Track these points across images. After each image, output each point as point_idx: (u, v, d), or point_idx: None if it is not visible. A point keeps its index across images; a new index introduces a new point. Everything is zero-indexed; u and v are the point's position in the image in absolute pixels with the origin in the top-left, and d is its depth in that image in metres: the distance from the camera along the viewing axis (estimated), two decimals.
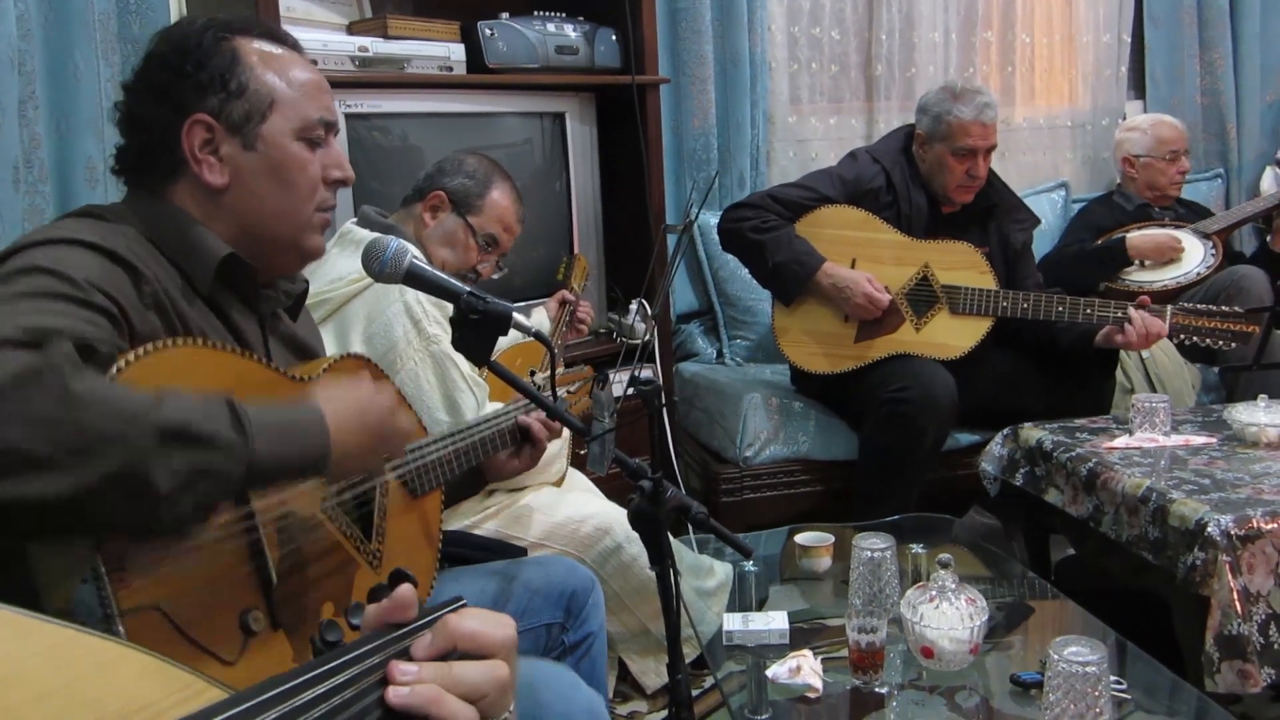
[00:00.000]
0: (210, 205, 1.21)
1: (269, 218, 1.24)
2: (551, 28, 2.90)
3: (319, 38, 2.55)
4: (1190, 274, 3.29)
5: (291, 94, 1.24)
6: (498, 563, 1.70)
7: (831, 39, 3.79)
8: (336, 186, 1.30)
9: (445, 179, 2.14)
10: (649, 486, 1.26)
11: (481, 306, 1.32)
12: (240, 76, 1.20)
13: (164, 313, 1.11)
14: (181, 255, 1.18)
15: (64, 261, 1.03)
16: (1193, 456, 2.22)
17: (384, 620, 0.69)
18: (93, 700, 0.51)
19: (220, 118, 1.19)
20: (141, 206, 1.21)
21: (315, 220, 1.28)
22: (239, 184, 1.21)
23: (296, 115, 1.24)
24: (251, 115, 1.21)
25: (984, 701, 1.56)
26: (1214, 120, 4.10)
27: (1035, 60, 4.03)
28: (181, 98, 1.19)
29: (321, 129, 1.27)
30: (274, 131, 1.22)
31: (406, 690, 0.64)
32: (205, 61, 1.19)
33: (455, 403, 1.87)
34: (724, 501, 2.97)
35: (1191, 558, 1.87)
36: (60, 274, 1.01)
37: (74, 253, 1.05)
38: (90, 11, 2.17)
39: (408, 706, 0.63)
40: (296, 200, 1.25)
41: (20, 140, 2.04)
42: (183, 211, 1.21)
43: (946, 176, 2.86)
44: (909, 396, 2.66)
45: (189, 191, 1.21)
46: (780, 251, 2.82)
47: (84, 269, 1.03)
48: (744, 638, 1.77)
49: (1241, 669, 1.81)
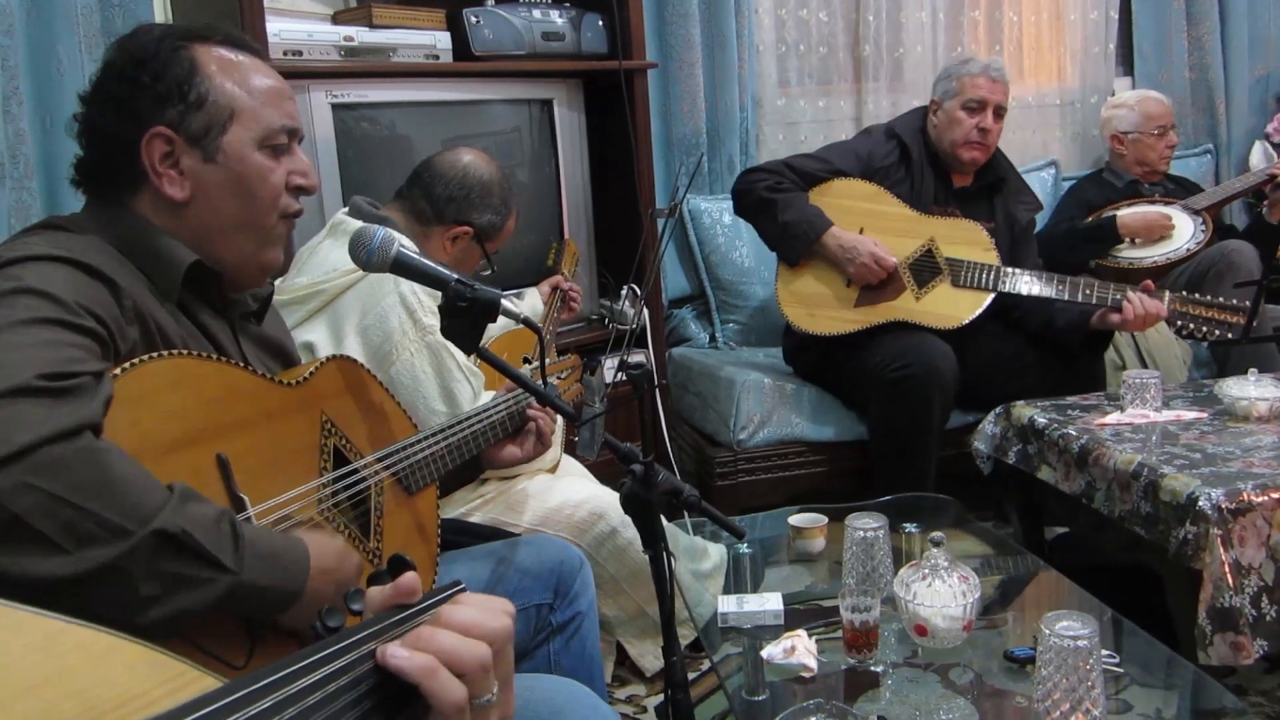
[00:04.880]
0: (172, 217, 1.20)
1: (230, 229, 1.23)
2: (537, 14, 2.89)
3: (304, 28, 2.54)
4: (1180, 250, 3.29)
5: (252, 103, 1.22)
6: (490, 544, 1.70)
7: (819, 20, 3.78)
8: (299, 194, 1.28)
9: (475, 214, 2.11)
10: (640, 470, 1.26)
11: (469, 294, 1.32)
12: (199, 87, 1.19)
13: (143, 323, 1.11)
14: (148, 263, 1.17)
15: (51, 281, 1.02)
16: (1184, 431, 2.23)
17: (387, 605, 0.70)
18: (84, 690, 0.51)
19: (180, 130, 1.18)
20: (104, 216, 1.20)
21: (278, 230, 1.27)
22: (201, 196, 1.20)
23: (258, 124, 1.22)
24: (212, 126, 1.19)
25: (978, 678, 1.57)
26: (1203, 95, 4.10)
27: (1023, 39, 4.03)
28: (140, 110, 1.17)
29: (284, 136, 1.25)
30: (235, 142, 1.20)
31: (406, 654, 0.65)
32: (163, 72, 1.17)
33: (452, 393, 1.87)
34: (719, 485, 2.98)
35: (1183, 532, 1.88)
36: (51, 296, 1.00)
37: (59, 270, 1.04)
38: (72, 6, 2.17)
39: (402, 671, 0.64)
40: (258, 212, 1.24)
41: (5, 136, 2.03)
42: (146, 220, 1.19)
43: (956, 131, 2.92)
44: (912, 372, 2.68)
45: (150, 202, 1.20)
46: (790, 211, 2.88)
47: (71, 289, 1.03)
48: (739, 619, 1.77)
49: (1234, 641, 1.82)
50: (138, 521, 0.89)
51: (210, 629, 0.98)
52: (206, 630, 0.97)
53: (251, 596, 0.98)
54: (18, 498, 0.85)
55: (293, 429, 1.21)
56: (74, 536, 0.86)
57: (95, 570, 0.87)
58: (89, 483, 0.88)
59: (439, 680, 0.65)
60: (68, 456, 0.88)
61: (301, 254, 2.05)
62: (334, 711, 0.59)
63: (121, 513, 0.89)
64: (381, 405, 1.41)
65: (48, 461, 0.87)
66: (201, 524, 0.94)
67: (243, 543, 0.96)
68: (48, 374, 0.92)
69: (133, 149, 1.17)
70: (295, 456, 1.20)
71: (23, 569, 0.85)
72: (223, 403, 1.10)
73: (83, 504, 0.87)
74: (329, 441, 1.26)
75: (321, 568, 1.05)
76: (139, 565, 0.89)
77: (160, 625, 0.91)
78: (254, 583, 0.97)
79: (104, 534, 0.88)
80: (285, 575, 1.01)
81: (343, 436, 1.29)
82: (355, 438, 1.32)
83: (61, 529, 0.86)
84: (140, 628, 0.90)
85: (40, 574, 0.85)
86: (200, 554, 0.93)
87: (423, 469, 1.42)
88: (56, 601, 0.86)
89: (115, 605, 0.89)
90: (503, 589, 1.60)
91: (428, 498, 1.45)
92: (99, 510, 0.88)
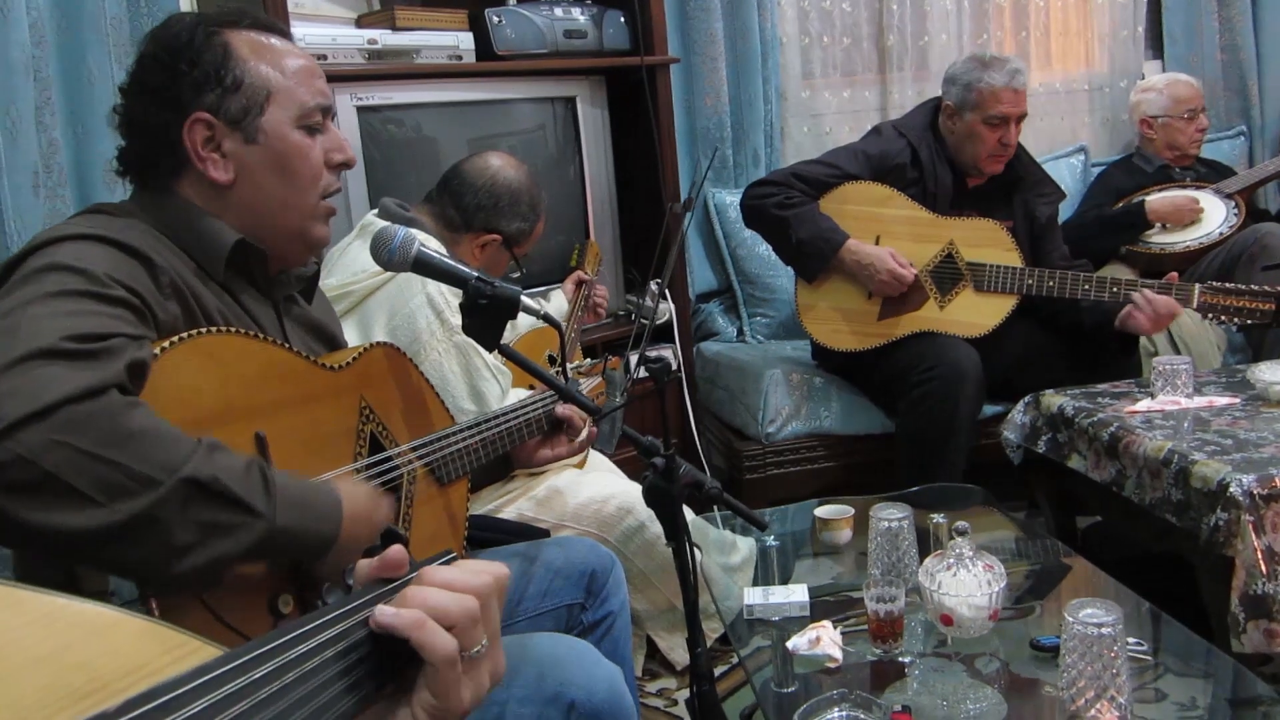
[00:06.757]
0: (217, 199, 1.23)
1: (276, 208, 1.25)
2: (559, 12, 2.91)
3: (328, 32, 2.57)
4: (1213, 234, 3.25)
5: (286, 82, 1.24)
6: (520, 544, 1.72)
7: (842, 10, 3.77)
8: (339, 170, 1.31)
9: (503, 222, 2.12)
10: (661, 463, 1.27)
11: (489, 291, 1.34)
12: (234, 70, 1.21)
13: (183, 300, 1.13)
14: (193, 245, 1.20)
15: (83, 257, 1.05)
16: (1215, 418, 2.20)
17: (375, 577, 0.71)
18: (90, 661, 0.52)
19: (219, 114, 1.20)
20: (149, 202, 1.23)
21: (320, 208, 1.29)
22: (245, 178, 1.23)
23: (293, 103, 1.24)
24: (250, 108, 1.22)
25: (1004, 667, 1.56)
26: (1234, 77, 4.03)
27: (1050, 24, 3.99)
28: (179, 97, 1.20)
29: (319, 114, 1.28)
30: (274, 122, 1.23)
31: (393, 611, 0.66)
32: (198, 59, 1.20)
33: (480, 391, 1.89)
34: (748, 479, 2.99)
35: (1214, 518, 1.86)
36: (82, 270, 1.03)
37: (91, 248, 1.07)
38: (102, 15, 2.20)
39: (391, 626, 0.66)
40: (302, 189, 1.26)
41: (38, 145, 2.07)
42: (191, 204, 1.22)
43: (978, 146, 2.83)
44: (937, 375, 2.65)
45: (194, 186, 1.23)
46: (804, 228, 2.81)
47: (102, 263, 1.05)
48: (764, 611, 1.78)
49: (1268, 628, 1.80)
50: (166, 471, 0.91)
51: (236, 608, 1.00)
52: (232, 609, 0.99)
53: (288, 541, 1.00)
54: (47, 454, 0.87)
55: (332, 412, 1.23)
56: (105, 489, 0.89)
57: (128, 520, 0.89)
58: (116, 437, 0.90)
59: (428, 632, 0.66)
60: (94, 412, 0.90)
61: (331, 255, 2.07)
62: (329, 677, 0.61)
63: (149, 464, 0.91)
64: (421, 395, 1.43)
65: (74, 418, 0.89)
66: (231, 471, 0.95)
67: (273, 488, 0.98)
68: (74, 335, 0.94)
69: (175, 135, 1.20)
70: (332, 440, 1.22)
71: (59, 523, 0.87)
72: (263, 382, 1.12)
73: (111, 457, 0.89)
74: (366, 428, 1.28)
75: (355, 513, 1.07)
76: (171, 513, 0.91)
77: (199, 573, 0.94)
78: (288, 528, 0.99)
79: (134, 485, 0.90)
80: (320, 519, 1.03)
81: (380, 423, 1.31)
82: (393, 426, 1.34)
83: (92, 483, 0.88)
84: (179, 576, 0.93)
85: (75, 526, 0.87)
86: (232, 499, 0.94)
87: (456, 461, 1.44)
88: (94, 555, 0.89)
89: (152, 554, 0.91)
90: (533, 588, 1.61)
91: (459, 491, 1.46)
92: (127, 462, 0.90)
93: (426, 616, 0.67)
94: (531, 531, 1.92)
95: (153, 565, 0.92)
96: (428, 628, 0.67)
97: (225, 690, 0.54)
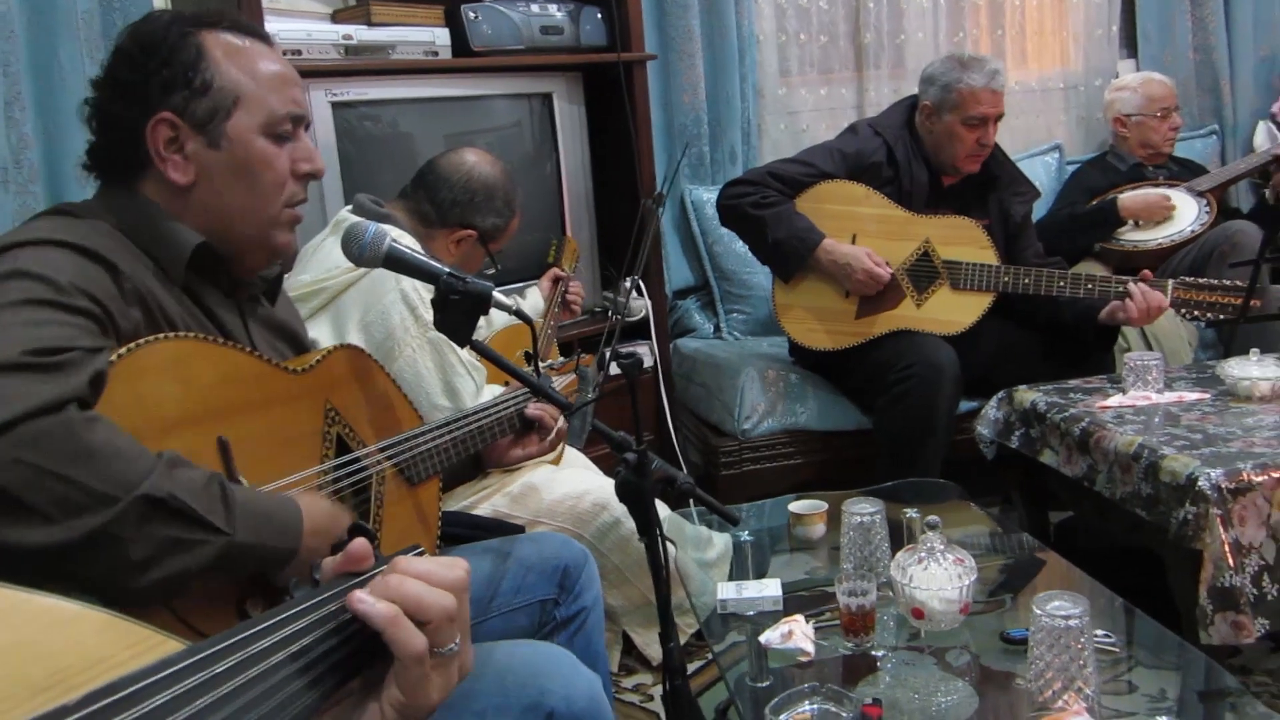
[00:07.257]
0: (177, 200, 1.22)
1: (236, 215, 1.24)
2: (535, 8, 2.90)
3: (304, 27, 2.56)
4: (1184, 232, 3.29)
5: (257, 89, 1.23)
6: (493, 540, 1.71)
7: (819, 8, 3.78)
8: (306, 180, 1.29)
9: (478, 217, 2.12)
10: (634, 459, 1.27)
11: (461, 286, 1.33)
12: (205, 73, 1.20)
13: (145, 305, 1.12)
14: (154, 246, 1.19)
15: (46, 264, 1.04)
16: (1185, 413, 2.23)
17: (340, 572, 0.72)
18: (51, 655, 0.52)
19: (185, 115, 1.19)
20: (113, 200, 1.22)
21: (284, 217, 1.28)
22: (204, 182, 1.21)
23: (262, 111, 1.23)
24: (216, 112, 1.20)
25: (975, 659, 1.58)
26: (1207, 76, 4.08)
27: (1025, 22, 4.02)
28: (147, 95, 1.18)
29: (289, 123, 1.26)
30: (239, 128, 1.21)
31: (370, 599, 0.67)
32: (170, 58, 1.19)
33: (454, 387, 1.89)
34: (724, 475, 3.00)
35: (1183, 512, 1.88)
36: (45, 278, 1.02)
37: (54, 254, 1.06)
38: (73, 10, 2.18)
39: (367, 617, 0.66)
40: (263, 197, 1.24)
41: (8, 141, 2.06)
42: (153, 204, 1.21)
43: (957, 146, 2.83)
44: (915, 373, 2.67)
45: (156, 186, 1.22)
46: (780, 228, 2.81)
47: (66, 271, 1.04)
48: (738, 605, 1.79)
49: (1235, 620, 1.82)
50: (124, 488, 0.91)
51: (201, 611, 0.99)
52: (197, 612, 0.99)
53: (247, 557, 1.00)
54: (5, 471, 0.87)
55: (296, 415, 1.23)
56: (62, 507, 0.89)
57: (85, 537, 0.89)
58: (73, 453, 0.90)
59: (401, 628, 0.67)
60: (52, 429, 0.90)
61: (305, 252, 2.07)
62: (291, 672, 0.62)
63: (107, 481, 0.91)
64: (387, 396, 1.43)
65: (32, 434, 0.89)
66: (190, 488, 0.95)
67: (234, 504, 0.98)
68: (34, 349, 0.94)
69: (138, 134, 1.19)
70: (297, 442, 1.22)
71: (15, 539, 0.87)
72: (225, 386, 1.11)
73: (68, 474, 0.89)
74: (333, 430, 1.28)
75: (315, 527, 1.08)
76: (128, 530, 0.91)
77: (158, 588, 0.94)
78: (248, 543, 0.99)
79: (90, 502, 0.90)
80: (279, 534, 1.04)
81: (346, 425, 1.30)
82: (359, 427, 1.33)
83: (50, 500, 0.88)
84: (138, 591, 0.93)
85: (32, 543, 0.87)
86: (191, 517, 0.95)
87: (426, 461, 1.43)
88: (53, 571, 0.89)
89: (110, 571, 0.91)
90: (507, 584, 1.61)
91: (430, 490, 1.46)
92: (84, 479, 0.90)
93: (400, 612, 0.67)
94: (506, 527, 1.92)
95: (112, 581, 0.92)
96: (401, 624, 0.67)
97: (187, 684, 0.54)
